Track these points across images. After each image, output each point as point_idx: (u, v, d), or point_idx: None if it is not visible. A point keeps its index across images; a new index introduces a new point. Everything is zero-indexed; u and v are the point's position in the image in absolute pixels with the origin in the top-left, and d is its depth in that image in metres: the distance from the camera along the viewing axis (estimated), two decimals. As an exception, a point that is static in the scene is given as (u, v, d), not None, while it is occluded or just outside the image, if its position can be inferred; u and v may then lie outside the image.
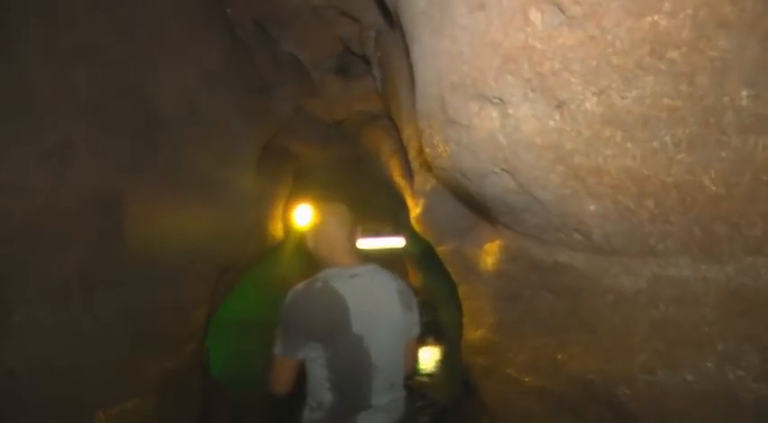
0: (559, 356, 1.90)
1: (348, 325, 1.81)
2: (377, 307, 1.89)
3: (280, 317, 1.85)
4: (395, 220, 7.98)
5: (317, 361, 1.85)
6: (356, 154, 5.49)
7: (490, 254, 2.35)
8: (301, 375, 1.91)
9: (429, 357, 10.96)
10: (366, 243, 10.98)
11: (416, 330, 2.06)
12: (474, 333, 2.75)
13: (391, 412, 1.95)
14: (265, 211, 4.56)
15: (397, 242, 9.25)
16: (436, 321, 8.01)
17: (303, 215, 5.69)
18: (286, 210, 5.25)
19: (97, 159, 2.30)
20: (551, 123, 1.30)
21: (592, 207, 1.36)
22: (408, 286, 2.05)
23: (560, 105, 1.26)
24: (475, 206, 2.17)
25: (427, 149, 1.93)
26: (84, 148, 2.15)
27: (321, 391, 1.88)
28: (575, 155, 1.30)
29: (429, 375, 8.97)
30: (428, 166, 2.40)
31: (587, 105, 1.21)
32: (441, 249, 3.01)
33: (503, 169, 1.50)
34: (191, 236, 3.11)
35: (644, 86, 1.10)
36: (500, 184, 1.56)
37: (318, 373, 1.87)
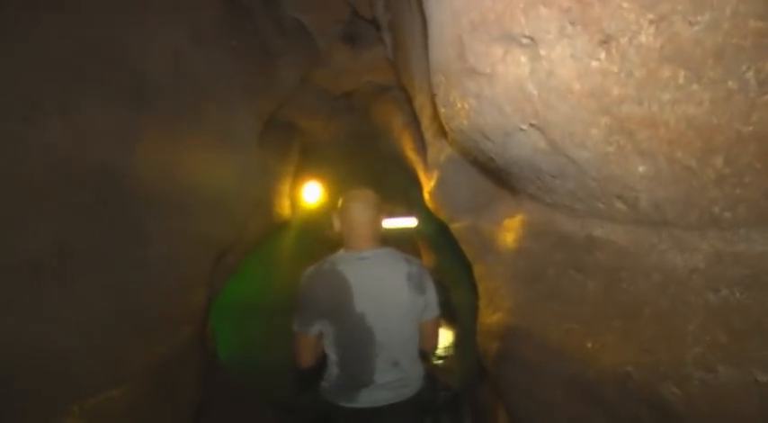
0: (589, 345, 1.67)
1: (351, 304, 1.98)
2: (381, 288, 2.02)
3: (297, 296, 2.07)
4: (407, 198, 7.75)
5: (327, 337, 2.06)
6: (366, 129, 5.25)
7: (510, 230, 2.11)
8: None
9: (441, 340, 10.79)
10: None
11: (432, 312, 2.16)
12: (490, 316, 2.53)
13: (396, 390, 2.06)
14: (270, 187, 4.34)
15: (410, 222, 9.04)
16: (449, 303, 7.79)
17: (311, 193, 5.48)
18: (293, 187, 5.03)
19: (71, 124, 2.07)
20: (594, 64, 1.06)
21: (641, 168, 1.12)
22: (422, 270, 2.14)
23: (607, 41, 1.02)
24: (495, 175, 1.94)
25: (442, 109, 1.70)
26: (55, 109, 1.92)
27: (331, 365, 2.10)
28: (623, 103, 1.05)
29: (442, 358, 8.82)
30: (443, 133, 2.17)
31: (642, 38, 0.97)
32: (455, 226, 2.78)
33: (532, 125, 1.26)
34: (186, 213, 2.91)
35: (722, 6, 0.85)
36: (528, 143, 1.32)
37: (328, 349, 2.08)
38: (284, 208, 4.61)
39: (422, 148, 4.41)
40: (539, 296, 2.01)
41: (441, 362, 8.31)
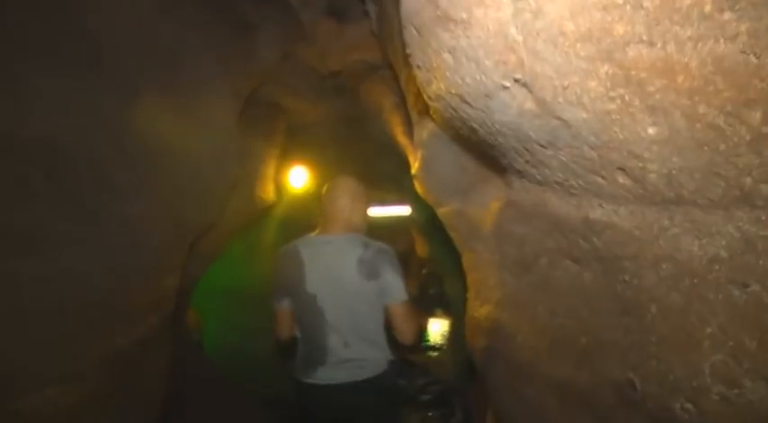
0: (583, 341, 1.46)
1: (305, 284, 2.18)
2: (332, 271, 2.17)
3: None
4: (399, 186, 7.52)
5: (294, 315, 2.28)
6: (355, 111, 4.99)
7: (497, 214, 1.88)
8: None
9: (433, 331, 10.63)
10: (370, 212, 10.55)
11: (394, 298, 2.18)
12: (478, 310, 2.32)
13: (350, 371, 2.16)
14: (253, 170, 4.11)
15: (402, 211, 8.81)
16: (441, 294, 7.58)
17: (298, 177, 5.25)
18: (279, 170, 4.79)
19: (13, 94, 1.84)
20: (594, -4, 0.82)
21: (651, 129, 0.88)
22: (380, 255, 2.19)
23: (609, -39, 0.78)
24: (479, 150, 1.71)
25: (417, 72, 1.46)
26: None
27: (299, 342, 2.30)
28: (629, 44, 0.82)
29: (434, 350, 8.63)
30: (425, 106, 1.93)
31: (656, -46, 0.73)
32: (442, 212, 2.55)
33: (516, 81, 1.02)
34: (152, 195, 2.68)
35: None
36: (512, 104, 1.07)
37: (295, 326, 2.31)
38: (268, 192, 4.37)
39: (411, 130, 4.18)
40: (529, 288, 1.79)
41: (434, 354, 8.13)
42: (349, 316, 2.16)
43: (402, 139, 4.31)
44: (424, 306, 11.90)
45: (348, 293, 2.15)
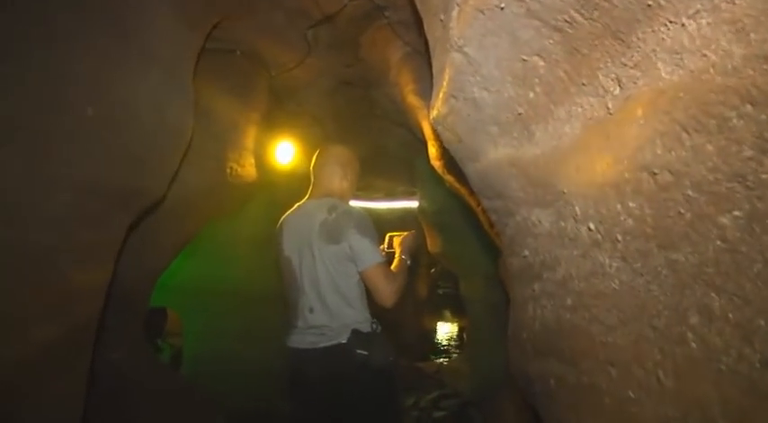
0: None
1: (282, 249, 2.28)
2: (302, 236, 2.19)
3: None
4: (409, 171, 6.62)
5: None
6: (356, 73, 4.12)
7: (612, 140, 1.01)
8: None
9: (445, 336, 9.71)
10: (377, 206, 9.66)
11: (364, 263, 2.10)
12: (541, 316, 1.50)
13: (316, 337, 2.13)
14: (224, 136, 3.25)
15: (412, 204, 7.93)
16: (455, 294, 6.66)
17: (285, 153, 4.39)
18: (262, 142, 3.92)
19: None
20: None
21: None
22: (344, 218, 2.13)
23: None
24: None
25: None
26: None
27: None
28: None
29: (446, 357, 7.74)
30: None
31: None
32: (478, 168, 1.68)
33: None
34: (55, 148, 1.84)
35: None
36: None
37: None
38: (246, 166, 3.48)
39: (425, 86, 3.30)
40: (674, 285, 0.93)
41: (444, 360, 7.24)
42: (314, 281, 2.14)
43: (413, 99, 3.44)
44: (432, 308, 11.08)
45: (313, 258, 2.13)
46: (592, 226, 1.10)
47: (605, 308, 1.12)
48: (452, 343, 9.15)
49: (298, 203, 2.35)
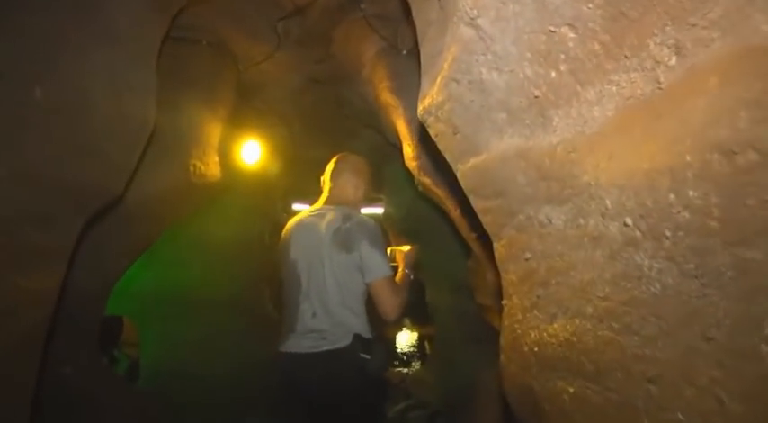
0: None
1: (288, 251, 2.27)
2: (312, 241, 2.20)
3: None
4: (377, 176, 6.43)
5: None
6: (327, 71, 3.93)
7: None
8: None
9: (409, 344, 9.54)
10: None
11: (372, 275, 2.12)
12: (539, 326, 1.37)
13: (316, 341, 2.11)
14: (187, 131, 3.00)
15: (377, 210, 7.77)
16: (422, 302, 6.52)
17: (251, 153, 4.16)
18: (227, 139, 3.67)
19: None
20: None
21: None
22: (358, 229, 2.15)
23: None
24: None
25: None
26: None
27: (283, 309, 2.33)
28: None
29: (409, 366, 7.56)
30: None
31: None
32: (476, 164, 1.53)
33: None
34: (9, 148, 1.60)
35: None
36: None
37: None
38: (210, 165, 3.22)
39: (401, 84, 3.15)
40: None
41: (408, 370, 7.07)
42: (320, 287, 2.15)
43: (387, 97, 3.28)
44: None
45: (322, 264, 2.14)
46: (629, 221, 0.96)
47: (641, 316, 0.98)
48: (415, 352, 9.00)
49: (309, 208, 2.38)
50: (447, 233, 4.89)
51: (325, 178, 2.42)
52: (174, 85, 2.76)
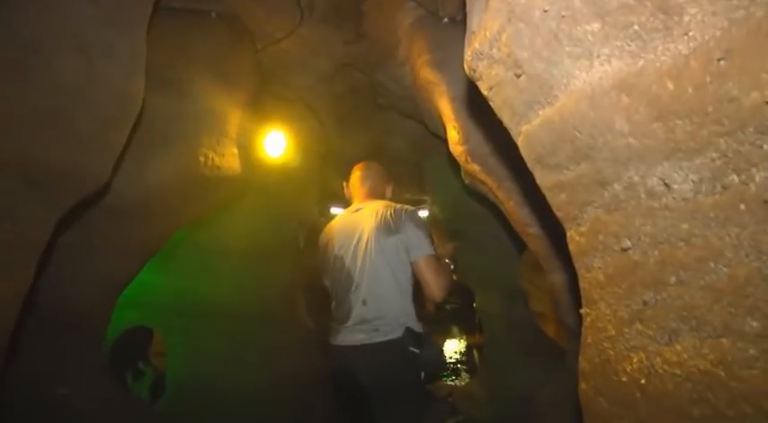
0: None
1: (332, 247, 2.36)
2: (357, 230, 2.30)
3: None
4: (418, 175, 5.98)
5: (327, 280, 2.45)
6: (357, 50, 3.51)
7: None
8: None
9: (454, 354, 8.99)
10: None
11: (417, 252, 2.19)
12: (663, 347, 0.89)
13: (368, 333, 2.17)
14: (199, 118, 2.64)
15: (421, 213, 7.31)
16: (467, 309, 6.03)
17: (277, 146, 3.79)
18: (248, 128, 3.29)
19: None
20: None
21: None
22: (403, 214, 2.27)
23: None
24: None
25: None
26: None
27: (332, 306, 2.40)
28: None
29: (457, 378, 7.04)
30: None
31: None
32: (549, 114, 1.08)
33: None
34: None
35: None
36: None
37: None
38: (226, 156, 2.84)
39: (443, 57, 2.71)
40: None
41: (456, 382, 6.56)
42: (369, 273, 2.20)
43: (428, 73, 2.85)
44: (439, 324, 10.42)
45: (370, 250, 2.22)
46: None
47: None
48: (462, 362, 8.46)
49: (348, 208, 2.51)
50: (497, 234, 4.50)
51: (354, 184, 2.56)
52: (178, 61, 2.42)
